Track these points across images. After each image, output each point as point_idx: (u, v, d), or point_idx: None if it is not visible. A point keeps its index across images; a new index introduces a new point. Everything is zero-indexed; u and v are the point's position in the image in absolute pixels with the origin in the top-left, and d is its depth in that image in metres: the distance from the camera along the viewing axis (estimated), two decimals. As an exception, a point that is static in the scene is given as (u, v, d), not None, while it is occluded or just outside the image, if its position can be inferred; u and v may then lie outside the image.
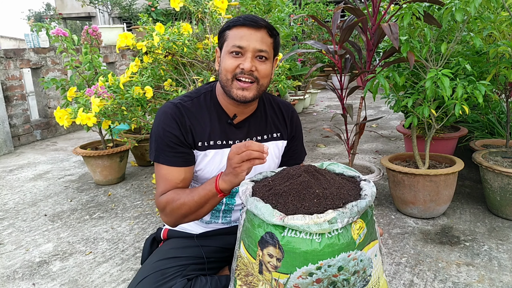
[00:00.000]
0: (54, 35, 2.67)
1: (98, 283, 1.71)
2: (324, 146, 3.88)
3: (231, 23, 1.17)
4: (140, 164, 3.42)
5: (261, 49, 1.15)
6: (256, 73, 1.16)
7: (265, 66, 1.17)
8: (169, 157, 1.19)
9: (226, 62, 1.16)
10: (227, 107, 1.26)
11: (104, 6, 11.97)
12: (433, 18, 1.80)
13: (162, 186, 1.20)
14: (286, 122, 1.38)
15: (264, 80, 1.19)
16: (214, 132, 1.24)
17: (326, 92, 8.08)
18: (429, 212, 2.16)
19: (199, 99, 1.26)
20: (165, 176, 1.20)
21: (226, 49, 1.16)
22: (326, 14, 7.82)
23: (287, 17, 3.26)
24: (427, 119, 2.19)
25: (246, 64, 1.13)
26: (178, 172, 1.20)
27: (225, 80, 1.17)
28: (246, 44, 1.13)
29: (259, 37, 1.15)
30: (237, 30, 1.15)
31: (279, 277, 0.92)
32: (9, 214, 2.51)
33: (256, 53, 1.15)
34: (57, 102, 4.91)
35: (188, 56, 2.20)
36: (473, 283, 1.59)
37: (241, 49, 1.14)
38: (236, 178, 1.05)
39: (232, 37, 1.15)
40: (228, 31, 1.17)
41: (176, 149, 1.20)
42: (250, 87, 1.16)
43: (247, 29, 1.14)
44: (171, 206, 1.15)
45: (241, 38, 1.14)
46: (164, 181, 1.20)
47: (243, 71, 1.14)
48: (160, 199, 1.19)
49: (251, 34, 1.14)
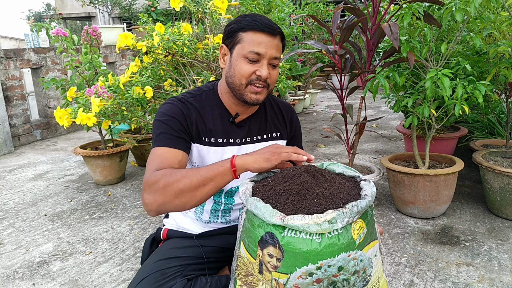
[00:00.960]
0: (54, 35, 2.67)
1: (98, 283, 1.71)
2: (324, 146, 3.88)
3: (246, 25, 1.15)
4: (140, 164, 3.42)
5: (276, 56, 1.17)
6: (268, 80, 1.18)
7: (276, 72, 1.20)
8: (169, 140, 1.15)
9: (241, 67, 1.15)
10: (230, 106, 1.27)
11: (104, 6, 11.98)
12: (433, 18, 1.80)
13: (157, 164, 1.09)
14: (286, 122, 1.39)
15: (273, 84, 1.22)
16: (215, 129, 1.25)
17: (326, 92, 8.08)
18: (429, 212, 2.16)
19: (201, 96, 1.27)
20: (162, 154, 1.12)
21: (241, 53, 1.15)
22: (326, 14, 7.82)
23: (287, 17, 3.25)
24: (427, 119, 2.19)
25: (264, 72, 1.15)
26: (175, 153, 1.14)
27: (239, 84, 1.17)
28: (264, 51, 1.14)
29: (275, 44, 1.16)
30: (255, 35, 1.14)
31: (279, 277, 0.92)
32: (9, 214, 2.51)
33: (270, 60, 1.16)
34: (57, 102, 4.91)
35: (188, 56, 2.20)
36: (473, 283, 1.59)
37: (259, 56, 1.14)
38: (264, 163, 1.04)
39: (249, 42, 1.14)
40: (243, 33, 1.15)
41: (178, 133, 1.17)
42: (262, 91, 1.19)
43: (265, 36, 1.14)
44: (167, 179, 1.03)
45: (259, 44, 1.14)
46: (159, 159, 1.11)
47: (259, 78, 1.15)
48: (155, 173, 1.06)
49: (269, 41, 1.14)
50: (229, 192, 1.33)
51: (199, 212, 1.35)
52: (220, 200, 1.33)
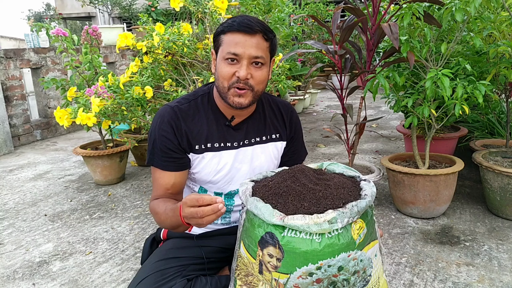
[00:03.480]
0: (54, 35, 2.67)
1: (98, 283, 1.71)
2: (324, 146, 3.88)
3: (225, 27, 1.14)
4: (140, 164, 3.42)
5: (256, 55, 1.12)
6: (251, 81, 1.14)
7: (260, 73, 1.15)
8: (162, 161, 1.22)
9: (222, 69, 1.14)
10: (224, 110, 1.26)
11: (104, 6, 11.97)
12: (433, 18, 1.80)
13: (155, 191, 1.25)
14: (285, 123, 1.37)
15: (259, 86, 1.17)
16: (211, 134, 1.24)
17: (326, 92, 8.08)
18: (429, 212, 2.16)
19: (196, 101, 1.26)
20: (157, 180, 1.24)
21: (222, 55, 1.14)
22: (326, 14, 7.82)
23: (287, 17, 3.25)
24: (427, 119, 2.19)
25: (242, 72, 1.11)
26: (169, 177, 1.23)
27: (222, 87, 1.16)
28: (241, 51, 1.11)
29: (254, 43, 1.11)
30: (232, 35, 1.12)
31: (279, 277, 0.92)
32: (9, 214, 2.51)
33: (251, 60, 1.13)
34: (57, 102, 4.91)
35: (188, 56, 2.20)
36: (473, 283, 1.59)
37: (236, 56, 1.12)
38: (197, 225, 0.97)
39: (227, 43, 1.13)
40: (223, 35, 1.14)
41: (169, 154, 1.21)
42: (245, 94, 1.15)
43: (242, 35, 1.11)
44: (154, 215, 1.21)
45: (236, 44, 1.11)
46: (156, 185, 1.25)
47: (239, 79, 1.13)
48: (151, 203, 1.24)
49: (246, 40, 1.11)
50: (229, 194, 1.33)
51: None
52: None
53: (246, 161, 1.29)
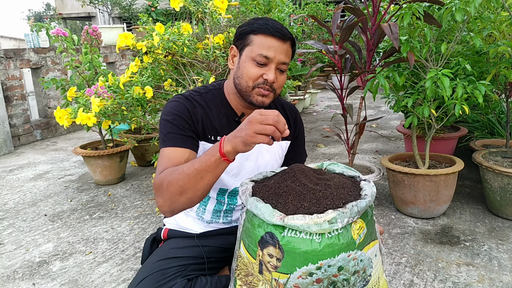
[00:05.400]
0: (54, 35, 2.67)
1: (98, 283, 1.71)
2: (324, 146, 3.88)
3: (257, 28, 1.15)
4: (140, 164, 3.42)
5: (285, 61, 1.17)
6: (275, 84, 1.18)
7: (283, 77, 1.20)
8: (176, 139, 1.15)
9: (249, 70, 1.16)
10: (236, 106, 1.27)
11: (104, 6, 11.98)
12: (433, 18, 1.80)
13: (164, 164, 1.11)
14: (290, 123, 1.39)
15: (280, 89, 1.22)
16: (222, 128, 1.25)
17: (326, 92, 8.08)
18: (429, 212, 2.16)
19: (207, 94, 1.28)
20: (168, 155, 1.13)
21: (250, 55, 1.15)
22: (326, 14, 7.82)
23: (287, 17, 3.25)
24: (427, 119, 2.19)
25: (270, 75, 1.14)
26: (183, 152, 1.13)
27: (245, 86, 1.17)
28: (273, 55, 1.14)
29: (285, 49, 1.16)
30: (265, 38, 1.14)
31: (279, 277, 0.92)
32: (9, 214, 2.51)
33: (279, 65, 1.16)
34: (57, 102, 4.91)
35: (188, 56, 2.20)
36: (473, 283, 1.59)
37: (267, 60, 1.14)
38: (244, 147, 0.96)
39: (259, 45, 1.14)
40: (253, 35, 1.16)
41: (185, 132, 1.17)
42: (269, 94, 1.19)
43: (275, 40, 1.14)
44: (168, 178, 1.04)
45: (268, 48, 1.14)
46: (166, 160, 1.12)
47: (265, 82, 1.15)
48: (159, 175, 1.08)
49: (279, 46, 1.14)
50: (233, 192, 1.33)
51: (201, 211, 1.35)
52: (223, 200, 1.33)
53: (252, 158, 1.30)
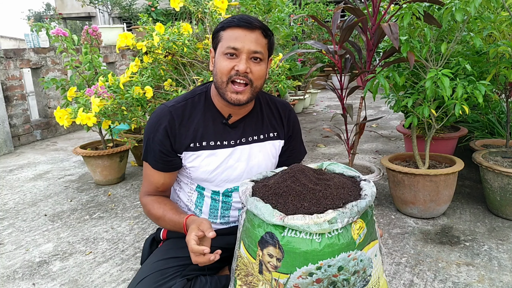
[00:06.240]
0: (54, 35, 2.67)
1: (98, 283, 1.71)
2: (324, 146, 3.88)
3: (225, 23, 1.16)
4: (140, 164, 3.42)
5: (255, 50, 1.15)
6: (250, 75, 1.16)
7: (259, 68, 1.17)
8: (154, 161, 1.27)
9: (221, 64, 1.16)
10: (221, 108, 1.27)
11: (104, 6, 11.97)
12: (433, 18, 1.80)
13: (146, 186, 1.33)
14: (283, 122, 1.38)
15: (258, 81, 1.19)
16: (207, 132, 1.25)
17: (326, 92, 8.08)
18: (429, 212, 2.16)
19: (193, 99, 1.28)
20: (148, 177, 1.31)
21: (221, 50, 1.16)
22: (326, 14, 7.82)
23: (287, 17, 3.25)
24: (427, 119, 2.19)
25: (241, 65, 1.13)
26: (159, 176, 1.29)
27: (220, 82, 1.17)
28: (240, 45, 1.13)
29: (253, 38, 1.14)
30: (232, 31, 1.15)
31: (279, 277, 0.92)
32: (9, 214, 2.51)
33: (250, 55, 1.15)
34: (57, 102, 4.91)
35: (188, 56, 2.20)
36: (473, 283, 1.59)
37: (235, 51, 1.14)
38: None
39: (227, 38, 1.15)
40: (222, 32, 1.17)
41: (162, 157, 1.25)
42: (244, 91, 1.17)
43: (241, 30, 1.14)
44: (147, 210, 1.32)
45: (235, 39, 1.13)
46: (147, 181, 1.32)
47: (238, 73, 1.14)
48: (143, 199, 1.34)
49: (246, 35, 1.14)
50: (226, 192, 1.32)
51: (198, 213, 1.35)
52: (217, 197, 1.32)
53: (243, 160, 1.29)
